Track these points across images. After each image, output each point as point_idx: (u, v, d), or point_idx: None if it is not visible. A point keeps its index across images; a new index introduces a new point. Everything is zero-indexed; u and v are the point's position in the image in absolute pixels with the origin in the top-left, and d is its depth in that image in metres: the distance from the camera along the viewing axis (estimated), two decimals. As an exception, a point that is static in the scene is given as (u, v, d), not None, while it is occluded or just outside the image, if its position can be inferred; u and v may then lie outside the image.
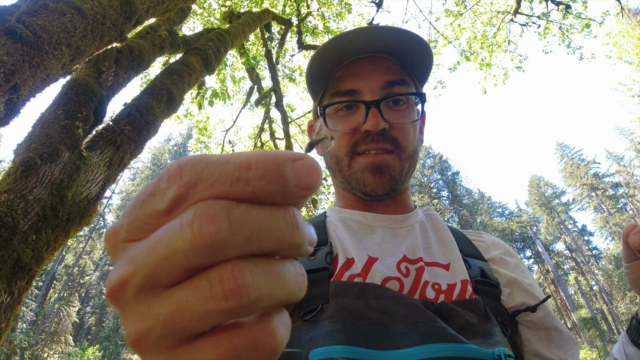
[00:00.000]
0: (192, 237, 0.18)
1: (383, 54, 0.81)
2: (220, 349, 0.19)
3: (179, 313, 0.18)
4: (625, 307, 30.85)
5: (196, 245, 0.18)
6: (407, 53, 0.80)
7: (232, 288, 0.18)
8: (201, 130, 7.55)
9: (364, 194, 0.80)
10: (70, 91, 2.40)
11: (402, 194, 0.85)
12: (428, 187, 40.09)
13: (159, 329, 0.19)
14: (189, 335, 0.19)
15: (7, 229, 1.72)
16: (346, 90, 0.79)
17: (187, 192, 0.19)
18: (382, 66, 0.80)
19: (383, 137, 0.77)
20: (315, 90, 0.88)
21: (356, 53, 0.80)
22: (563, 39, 8.07)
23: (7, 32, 1.62)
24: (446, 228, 0.82)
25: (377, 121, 0.75)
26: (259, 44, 7.47)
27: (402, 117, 0.79)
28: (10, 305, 1.81)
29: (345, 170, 0.80)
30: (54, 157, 2.07)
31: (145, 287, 0.19)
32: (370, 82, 0.78)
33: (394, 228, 0.80)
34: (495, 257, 0.79)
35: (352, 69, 0.81)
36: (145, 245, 0.19)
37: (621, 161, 36.62)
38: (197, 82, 3.88)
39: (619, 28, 10.61)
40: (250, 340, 0.19)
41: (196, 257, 0.18)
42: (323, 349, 0.52)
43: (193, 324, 0.18)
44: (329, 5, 7.77)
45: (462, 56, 8.35)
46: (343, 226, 0.79)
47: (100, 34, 2.17)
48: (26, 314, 23.07)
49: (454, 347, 0.51)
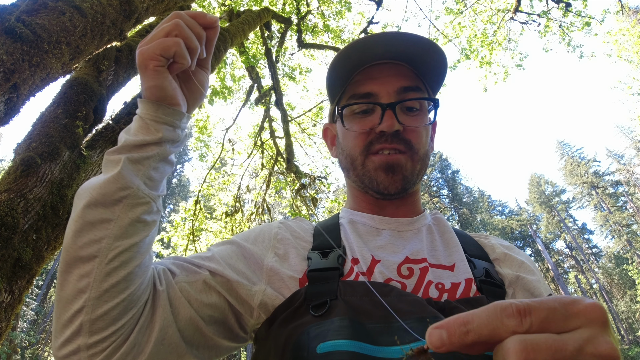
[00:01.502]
0: None
1: (400, 61, 0.84)
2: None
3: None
4: (625, 306, 30.89)
5: None
6: (423, 61, 0.83)
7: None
8: (201, 129, 7.55)
9: (376, 192, 0.82)
10: (70, 90, 2.40)
11: (412, 195, 0.88)
12: (428, 185, 40.07)
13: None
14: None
15: (7, 228, 1.72)
16: (364, 93, 0.83)
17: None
18: (398, 72, 0.83)
19: (397, 138, 0.80)
20: (334, 93, 0.91)
21: (375, 59, 0.83)
22: (563, 37, 8.06)
23: (6, 31, 1.62)
24: (452, 231, 0.84)
25: (392, 122, 0.78)
26: (258, 42, 7.46)
27: (416, 121, 0.83)
28: (11, 304, 1.81)
29: (359, 169, 0.83)
30: (54, 156, 2.07)
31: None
32: (387, 86, 0.81)
33: (400, 231, 0.82)
34: (500, 257, 0.81)
35: (370, 73, 0.84)
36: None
37: (621, 159, 36.61)
38: (196, 80, 3.87)
39: (619, 26, 10.59)
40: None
41: None
42: (330, 342, 0.54)
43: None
44: (329, 4, 7.75)
45: (462, 54, 8.33)
46: (351, 228, 0.82)
47: (100, 32, 2.16)
48: (27, 313, 23.11)
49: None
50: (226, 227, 7.44)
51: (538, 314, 0.30)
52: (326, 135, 1.01)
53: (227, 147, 7.40)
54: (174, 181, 44.38)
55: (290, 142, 6.63)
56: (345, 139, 0.87)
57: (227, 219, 7.28)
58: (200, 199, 7.08)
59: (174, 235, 7.15)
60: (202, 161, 7.93)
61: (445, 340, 0.31)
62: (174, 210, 37.90)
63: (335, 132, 0.96)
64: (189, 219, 7.05)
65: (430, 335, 0.32)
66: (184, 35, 0.60)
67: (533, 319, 0.30)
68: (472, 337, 0.30)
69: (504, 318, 0.30)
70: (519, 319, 0.30)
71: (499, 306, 0.31)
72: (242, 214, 7.44)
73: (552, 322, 0.30)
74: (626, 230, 33.83)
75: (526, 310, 0.30)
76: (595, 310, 0.31)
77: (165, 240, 7.15)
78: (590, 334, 0.30)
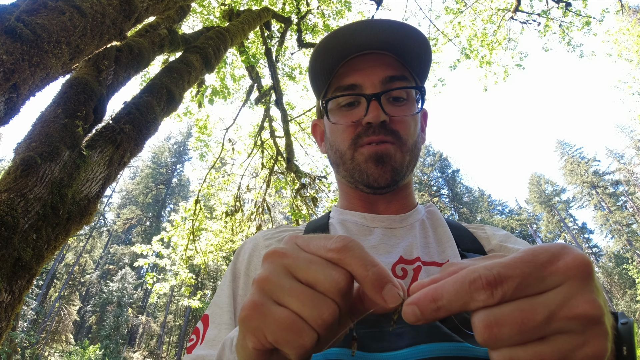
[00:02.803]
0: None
1: (384, 51, 0.82)
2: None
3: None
4: (625, 305, 30.88)
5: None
6: (406, 48, 0.81)
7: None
8: (201, 128, 7.54)
9: (366, 186, 0.80)
10: (70, 90, 2.39)
11: (404, 189, 0.86)
12: (428, 185, 40.08)
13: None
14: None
15: (7, 228, 1.72)
16: (348, 85, 0.81)
17: (342, 250, 0.34)
18: (383, 62, 0.81)
19: (384, 129, 0.78)
20: (319, 87, 0.89)
21: (357, 50, 0.81)
22: (563, 36, 8.06)
23: (6, 31, 1.62)
24: (445, 225, 0.82)
25: (377, 113, 0.76)
26: (258, 42, 7.45)
27: (403, 111, 0.80)
28: (11, 304, 1.81)
29: (348, 163, 0.81)
30: (54, 156, 2.07)
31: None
32: (372, 77, 0.79)
33: (393, 228, 0.80)
34: (495, 247, 0.79)
35: (353, 64, 0.82)
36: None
37: (621, 159, 36.59)
38: (197, 80, 3.87)
39: (619, 26, 10.59)
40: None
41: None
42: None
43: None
44: (329, 3, 7.75)
45: (462, 54, 8.34)
46: (342, 228, 0.81)
47: (100, 32, 2.16)
48: (27, 312, 23.10)
49: (447, 347, 0.52)
50: (226, 227, 7.44)
51: (510, 283, 0.28)
52: (315, 132, 0.99)
53: (227, 146, 7.40)
54: (174, 181, 44.36)
55: (290, 141, 6.63)
56: (333, 134, 0.85)
57: (227, 219, 7.28)
58: (200, 199, 7.08)
59: (174, 235, 7.16)
60: (202, 161, 7.93)
61: (419, 316, 0.30)
62: (174, 209, 37.88)
63: (323, 128, 0.93)
64: (189, 219, 7.05)
65: (405, 312, 0.31)
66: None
67: (505, 288, 0.28)
68: (444, 313, 0.30)
69: (473, 292, 0.28)
70: (489, 292, 0.28)
71: (467, 278, 0.29)
72: (242, 213, 7.44)
73: (526, 287, 0.28)
74: (626, 229, 33.83)
75: (497, 280, 0.28)
76: (575, 265, 0.28)
77: (166, 240, 7.15)
78: (566, 293, 0.28)
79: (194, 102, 6.81)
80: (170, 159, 45.49)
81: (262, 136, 7.47)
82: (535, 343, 0.28)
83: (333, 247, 0.34)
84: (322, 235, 0.36)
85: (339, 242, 0.34)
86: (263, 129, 7.49)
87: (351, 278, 0.33)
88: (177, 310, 33.68)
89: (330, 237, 0.35)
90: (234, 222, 7.31)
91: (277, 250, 0.36)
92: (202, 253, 7.44)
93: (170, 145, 46.33)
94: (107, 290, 31.93)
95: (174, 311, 34.00)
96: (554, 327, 0.27)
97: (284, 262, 0.35)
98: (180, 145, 46.45)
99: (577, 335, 0.28)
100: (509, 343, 0.28)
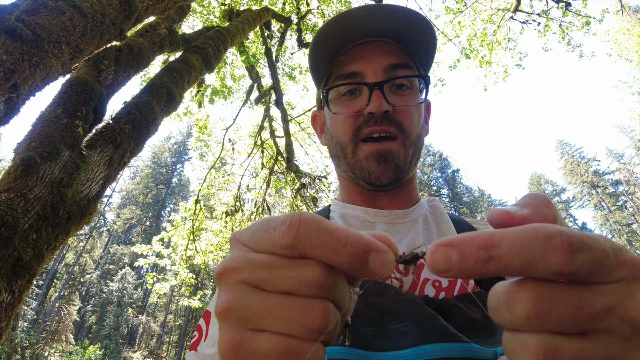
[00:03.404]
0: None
1: (387, 38, 0.79)
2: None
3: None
4: (624, 305, 30.89)
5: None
6: (410, 36, 0.78)
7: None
8: (201, 128, 7.54)
9: (368, 184, 0.78)
10: (70, 90, 2.39)
11: (407, 184, 0.83)
12: (428, 184, 40.09)
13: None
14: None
15: (7, 228, 1.72)
16: (349, 73, 0.78)
17: (297, 242, 0.26)
18: (385, 50, 0.78)
19: (387, 119, 0.75)
20: (319, 76, 0.86)
21: (359, 37, 0.79)
22: (563, 36, 8.06)
23: (6, 30, 1.62)
24: (448, 220, 0.80)
25: (380, 103, 0.73)
26: (258, 42, 7.45)
27: (406, 101, 0.77)
28: (11, 303, 1.81)
29: (349, 157, 0.79)
30: (54, 155, 2.07)
31: (244, 280, 0.28)
32: (374, 64, 0.77)
33: (395, 224, 0.78)
34: None
35: (355, 52, 0.79)
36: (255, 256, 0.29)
37: (621, 159, 36.60)
38: (196, 80, 3.87)
39: (619, 26, 10.59)
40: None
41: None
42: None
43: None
44: (329, 3, 7.75)
45: (462, 54, 8.34)
46: (343, 223, 0.78)
47: (100, 32, 2.16)
48: (27, 312, 23.11)
49: (453, 347, 0.50)
50: (226, 227, 7.44)
51: (590, 253, 0.23)
52: (315, 123, 0.96)
53: (227, 146, 7.40)
54: (174, 180, 44.37)
55: (290, 141, 6.63)
56: (333, 124, 0.81)
57: (227, 219, 7.28)
58: (200, 199, 7.09)
59: (174, 235, 7.16)
60: (202, 161, 7.94)
61: (454, 264, 0.23)
62: (174, 209, 37.88)
63: (324, 119, 0.90)
64: (189, 219, 7.06)
65: (434, 254, 0.24)
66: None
67: (584, 258, 0.22)
68: (494, 267, 0.23)
69: (548, 249, 0.22)
70: (568, 255, 0.22)
71: (542, 231, 0.23)
72: (242, 213, 7.44)
73: (600, 268, 0.23)
74: (626, 229, 33.83)
75: (579, 245, 0.22)
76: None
77: (166, 240, 7.15)
78: (627, 292, 0.24)
79: (194, 102, 6.82)
80: (170, 158, 45.51)
81: (262, 136, 7.47)
82: (580, 338, 0.24)
83: (284, 242, 0.27)
84: (265, 222, 0.29)
85: (287, 234, 0.26)
86: (263, 129, 7.49)
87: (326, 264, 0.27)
88: (177, 310, 33.70)
89: (274, 226, 0.27)
90: (234, 222, 7.31)
91: (227, 267, 0.29)
92: (202, 253, 7.44)
93: (170, 145, 46.34)
94: (107, 290, 31.94)
95: (174, 311, 34.02)
96: (604, 324, 0.24)
97: (240, 278, 0.28)
98: (180, 145, 46.47)
99: (623, 340, 0.24)
100: (554, 327, 0.23)
